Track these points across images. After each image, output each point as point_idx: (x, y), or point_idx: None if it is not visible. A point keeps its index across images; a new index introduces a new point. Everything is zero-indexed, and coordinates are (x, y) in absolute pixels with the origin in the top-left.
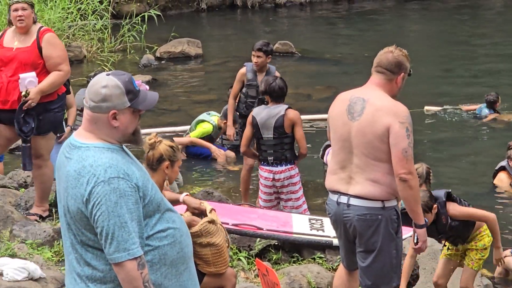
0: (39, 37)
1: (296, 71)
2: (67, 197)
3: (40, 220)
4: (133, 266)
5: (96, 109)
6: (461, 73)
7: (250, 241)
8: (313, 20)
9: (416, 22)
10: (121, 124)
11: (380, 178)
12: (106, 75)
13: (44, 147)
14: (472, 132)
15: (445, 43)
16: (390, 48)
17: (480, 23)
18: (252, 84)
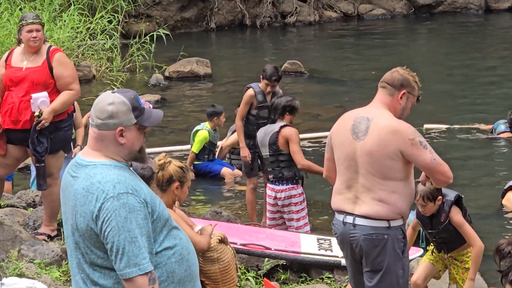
0: (50, 56)
1: (304, 91)
2: (76, 215)
3: (48, 239)
4: (144, 281)
5: (103, 126)
6: (470, 93)
7: (258, 261)
8: (322, 39)
9: (426, 42)
10: (127, 141)
11: (386, 197)
12: (111, 93)
13: (54, 166)
14: (481, 151)
15: (455, 64)
16: (400, 68)
17: (491, 44)
18: (263, 106)
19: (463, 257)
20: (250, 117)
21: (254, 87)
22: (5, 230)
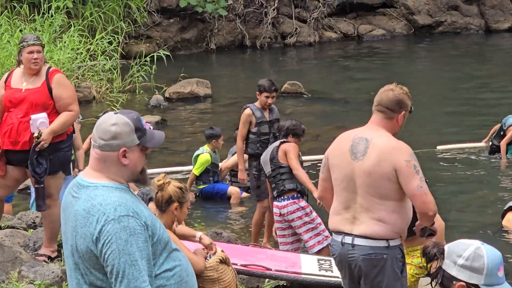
0: (49, 78)
1: (304, 112)
2: (76, 237)
3: (48, 260)
4: None
5: (106, 147)
6: (469, 113)
7: (259, 282)
8: (322, 60)
9: (426, 63)
10: (130, 162)
11: (385, 217)
12: (114, 114)
13: (54, 187)
14: (485, 171)
15: (453, 84)
16: (391, 86)
17: (492, 64)
18: (263, 121)
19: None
20: (251, 136)
21: (250, 106)
22: (5, 252)
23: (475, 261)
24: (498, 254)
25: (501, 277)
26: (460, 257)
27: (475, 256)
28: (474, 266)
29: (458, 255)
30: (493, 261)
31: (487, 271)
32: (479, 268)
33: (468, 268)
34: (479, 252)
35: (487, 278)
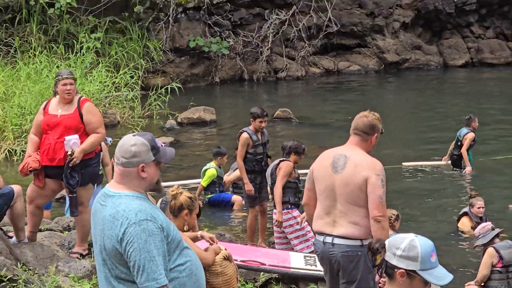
0: (80, 105)
1: (294, 134)
2: (104, 237)
3: (80, 257)
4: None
5: (128, 164)
6: (431, 134)
7: (255, 275)
8: (308, 91)
9: (393, 93)
10: (148, 175)
11: (360, 221)
12: (133, 136)
13: (84, 196)
14: (444, 183)
15: (417, 111)
16: (365, 112)
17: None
18: (258, 144)
19: None
20: (248, 156)
21: (247, 131)
22: (44, 250)
23: (411, 251)
24: (429, 243)
25: (434, 262)
26: (398, 249)
27: (410, 247)
28: (410, 255)
29: (396, 248)
30: (426, 250)
31: (421, 258)
32: (415, 256)
33: (405, 257)
34: (413, 244)
35: (422, 264)
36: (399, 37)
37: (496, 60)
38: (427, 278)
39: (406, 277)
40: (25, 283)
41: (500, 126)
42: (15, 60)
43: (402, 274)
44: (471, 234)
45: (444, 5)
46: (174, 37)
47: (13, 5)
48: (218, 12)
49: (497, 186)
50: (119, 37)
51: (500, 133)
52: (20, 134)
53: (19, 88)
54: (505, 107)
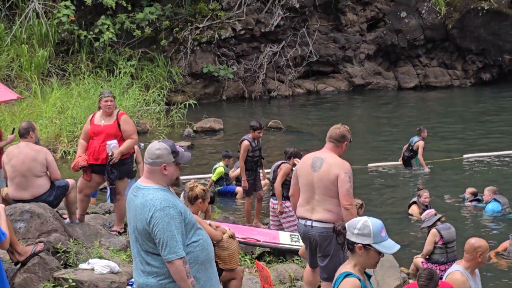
0: (118, 118)
1: (282, 140)
2: (136, 221)
3: (118, 234)
4: (180, 263)
5: (153, 164)
6: (388, 142)
7: (252, 249)
8: (294, 107)
9: (359, 109)
10: (169, 173)
11: (332, 209)
12: (158, 142)
13: (121, 187)
14: (400, 180)
15: (378, 123)
16: (338, 125)
17: (400, 110)
18: (255, 149)
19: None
20: (248, 158)
21: (247, 139)
22: (90, 228)
23: (365, 229)
24: (379, 222)
25: (384, 236)
26: (355, 228)
27: (364, 226)
28: (364, 233)
29: (353, 228)
30: (376, 227)
31: (373, 234)
32: (368, 233)
33: (361, 234)
34: (366, 223)
35: (374, 238)
36: (364, 65)
37: (439, 83)
38: (379, 248)
39: (364, 250)
40: (76, 254)
41: (440, 136)
42: (69, 81)
43: (360, 247)
44: (419, 218)
45: (399, 41)
46: (191, 64)
47: (68, 39)
48: (225, 45)
49: (438, 182)
50: (149, 64)
51: (440, 141)
52: (73, 139)
53: (72, 103)
54: (445, 120)
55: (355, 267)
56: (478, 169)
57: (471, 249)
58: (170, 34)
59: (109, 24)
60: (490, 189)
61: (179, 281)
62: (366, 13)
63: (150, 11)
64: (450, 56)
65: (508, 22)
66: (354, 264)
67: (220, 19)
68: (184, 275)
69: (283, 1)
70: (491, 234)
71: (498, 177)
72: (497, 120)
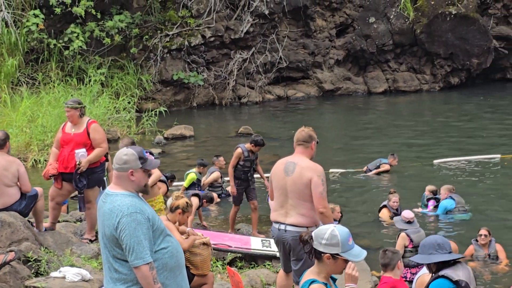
0: (88, 126)
1: None
2: (104, 227)
3: (89, 242)
4: (146, 268)
5: (120, 169)
6: (355, 147)
7: (224, 254)
8: (264, 113)
9: (329, 114)
10: (136, 179)
11: (306, 213)
12: (126, 148)
13: (92, 196)
14: (365, 185)
15: (347, 128)
16: (302, 127)
17: (369, 114)
18: (248, 159)
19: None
20: (238, 166)
21: (241, 147)
22: (62, 236)
23: (333, 239)
24: (346, 230)
25: (351, 244)
26: (323, 239)
27: (331, 236)
28: (332, 242)
29: (321, 238)
30: (344, 236)
31: (341, 243)
32: (336, 243)
33: (329, 244)
34: (333, 233)
35: (342, 248)
36: (333, 71)
37: (408, 88)
38: (347, 257)
39: (331, 259)
40: (47, 262)
41: (410, 140)
42: (39, 90)
43: (328, 257)
44: (389, 222)
45: (368, 46)
46: (161, 71)
47: (37, 48)
48: (195, 52)
49: (408, 187)
50: (119, 72)
51: (410, 146)
52: (43, 147)
53: (42, 112)
54: (414, 124)
55: (320, 274)
56: (448, 173)
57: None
58: (140, 41)
59: (79, 33)
60: (447, 188)
61: (146, 287)
62: (335, 19)
63: (119, 19)
64: (419, 61)
65: (476, 27)
66: (319, 271)
67: (190, 26)
68: (151, 281)
69: (252, 8)
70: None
71: (468, 181)
72: (466, 124)
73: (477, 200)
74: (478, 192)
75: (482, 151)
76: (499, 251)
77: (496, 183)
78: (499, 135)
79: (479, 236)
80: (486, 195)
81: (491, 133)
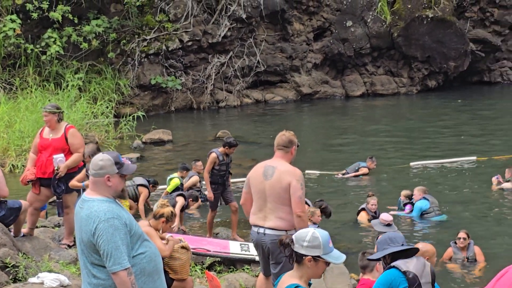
0: (66, 131)
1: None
2: (81, 232)
3: (68, 248)
4: (124, 274)
5: (96, 175)
6: (332, 149)
7: (203, 259)
8: (242, 117)
9: (307, 117)
10: (113, 184)
11: (285, 216)
12: (102, 154)
13: (70, 201)
14: (343, 187)
15: (325, 131)
16: (283, 131)
17: (346, 118)
18: (223, 163)
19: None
20: (214, 171)
21: (216, 152)
22: (40, 242)
23: (315, 241)
24: (326, 233)
25: (331, 247)
26: (304, 241)
27: (313, 238)
28: (314, 244)
29: (302, 240)
30: (325, 239)
31: (322, 245)
32: (318, 245)
33: (311, 247)
34: (315, 235)
35: (324, 250)
36: (311, 74)
37: (385, 91)
38: (328, 259)
39: (313, 261)
40: (25, 268)
41: (387, 143)
42: (16, 95)
43: (309, 259)
44: (367, 225)
45: (345, 49)
46: (139, 76)
47: (14, 53)
48: (173, 57)
49: (386, 189)
50: (96, 77)
51: (387, 149)
52: (21, 153)
53: (19, 117)
54: (392, 127)
55: (302, 278)
56: (425, 176)
57: (419, 253)
58: (117, 46)
59: (56, 37)
60: (420, 189)
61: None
62: (313, 22)
63: (97, 23)
64: (396, 64)
65: (453, 30)
66: (301, 275)
67: (167, 30)
68: (129, 286)
69: (230, 12)
70: (432, 240)
71: (445, 183)
72: (443, 127)
73: (454, 202)
74: (456, 194)
75: (458, 153)
76: (478, 254)
77: (473, 185)
78: (475, 138)
79: (458, 239)
80: (463, 197)
81: (468, 135)
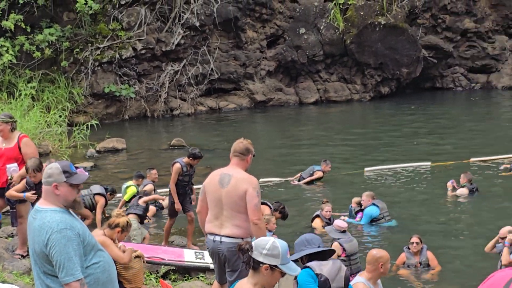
0: (19, 140)
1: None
2: (34, 243)
3: (21, 258)
4: (77, 285)
5: (46, 183)
6: (286, 156)
7: (157, 267)
8: (196, 124)
9: (261, 124)
10: (61, 193)
11: (241, 224)
12: (53, 162)
13: (24, 211)
14: (301, 194)
15: (279, 138)
16: (241, 139)
17: (300, 125)
18: (187, 174)
19: None
20: (177, 181)
21: (180, 162)
22: None
23: (274, 251)
24: (285, 244)
25: (289, 258)
26: (264, 249)
27: (273, 247)
28: (273, 253)
29: (262, 248)
30: (284, 249)
31: (281, 255)
32: (277, 254)
33: (270, 255)
34: (275, 244)
35: (282, 260)
36: (265, 82)
37: (339, 98)
38: (284, 270)
39: (269, 270)
40: None
41: (341, 149)
42: None
43: (266, 268)
44: (322, 231)
45: (299, 57)
46: (93, 84)
47: None
48: (126, 65)
49: (340, 195)
50: (50, 86)
51: (341, 155)
52: None
53: None
54: (344, 133)
55: (256, 285)
56: (379, 182)
57: (373, 260)
58: (70, 55)
59: (8, 46)
60: (368, 194)
61: None
62: (266, 30)
63: (49, 32)
64: (349, 71)
65: (405, 37)
66: (255, 282)
67: (121, 39)
68: None
69: (183, 20)
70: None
71: (399, 189)
72: (397, 133)
73: (408, 207)
74: (409, 199)
75: (413, 159)
76: (431, 259)
77: (427, 191)
78: (429, 143)
79: (411, 244)
80: (417, 202)
81: (422, 141)
